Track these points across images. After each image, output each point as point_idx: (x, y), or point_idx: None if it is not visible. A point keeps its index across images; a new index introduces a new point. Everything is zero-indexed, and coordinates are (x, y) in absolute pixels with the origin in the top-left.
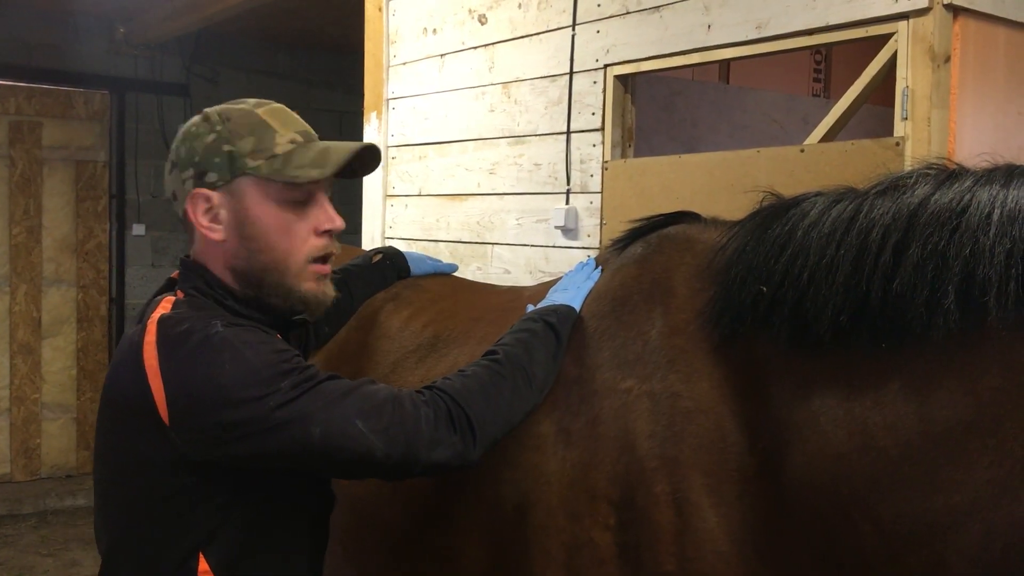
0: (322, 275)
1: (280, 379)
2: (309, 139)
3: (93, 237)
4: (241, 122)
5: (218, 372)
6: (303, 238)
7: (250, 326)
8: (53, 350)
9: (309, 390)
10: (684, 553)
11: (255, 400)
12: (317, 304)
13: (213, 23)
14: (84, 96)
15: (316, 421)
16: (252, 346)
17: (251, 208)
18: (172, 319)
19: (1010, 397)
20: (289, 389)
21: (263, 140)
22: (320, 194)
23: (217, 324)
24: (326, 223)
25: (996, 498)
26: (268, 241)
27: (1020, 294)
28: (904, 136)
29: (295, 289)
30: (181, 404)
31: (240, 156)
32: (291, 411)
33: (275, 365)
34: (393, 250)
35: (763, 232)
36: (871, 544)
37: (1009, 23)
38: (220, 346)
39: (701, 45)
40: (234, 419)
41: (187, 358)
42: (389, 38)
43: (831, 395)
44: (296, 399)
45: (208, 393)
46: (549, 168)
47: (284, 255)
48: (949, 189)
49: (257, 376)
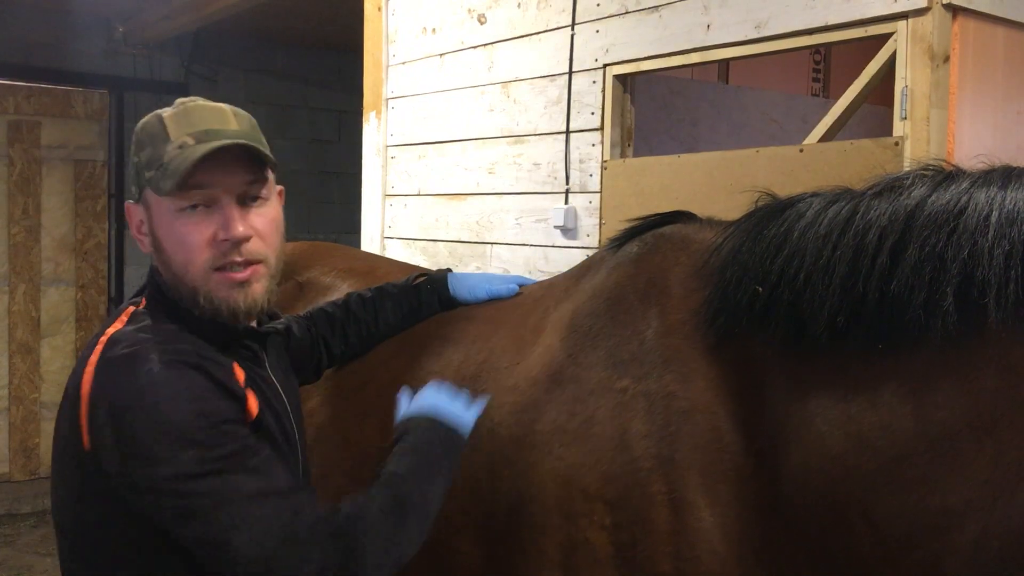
0: (234, 283)
1: (185, 449)
2: (202, 139)
3: (92, 236)
4: (145, 131)
5: (132, 417)
6: (199, 249)
7: (192, 363)
8: (52, 349)
9: (212, 474)
10: (680, 553)
11: (149, 460)
12: (232, 313)
13: (211, 22)
14: (83, 95)
15: (197, 515)
16: (174, 400)
17: (154, 220)
18: (116, 342)
19: (1007, 399)
20: (190, 463)
21: (156, 149)
22: (223, 197)
23: (154, 359)
24: (220, 232)
25: (992, 499)
26: (168, 253)
27: (1020, 296)
28: (903, 136)
29: (207, 300)
30: (95, 433)
31: (141, 169)
32: (179, 488)
33: (187, 431)
34: (440, 276)
35: (759, 232)
36: (866, 545)
37: (1008, 23)
38: (143, 388)
39: (700, 45)
40: (128, 469)
41: (111, 389)
42: (388, 37)
43: (827, 396)
44: (191, 478)
45: (117, 432)
46: (548, 168)
47: (183, 266)
48: (946, 191)
49: (164, 436)
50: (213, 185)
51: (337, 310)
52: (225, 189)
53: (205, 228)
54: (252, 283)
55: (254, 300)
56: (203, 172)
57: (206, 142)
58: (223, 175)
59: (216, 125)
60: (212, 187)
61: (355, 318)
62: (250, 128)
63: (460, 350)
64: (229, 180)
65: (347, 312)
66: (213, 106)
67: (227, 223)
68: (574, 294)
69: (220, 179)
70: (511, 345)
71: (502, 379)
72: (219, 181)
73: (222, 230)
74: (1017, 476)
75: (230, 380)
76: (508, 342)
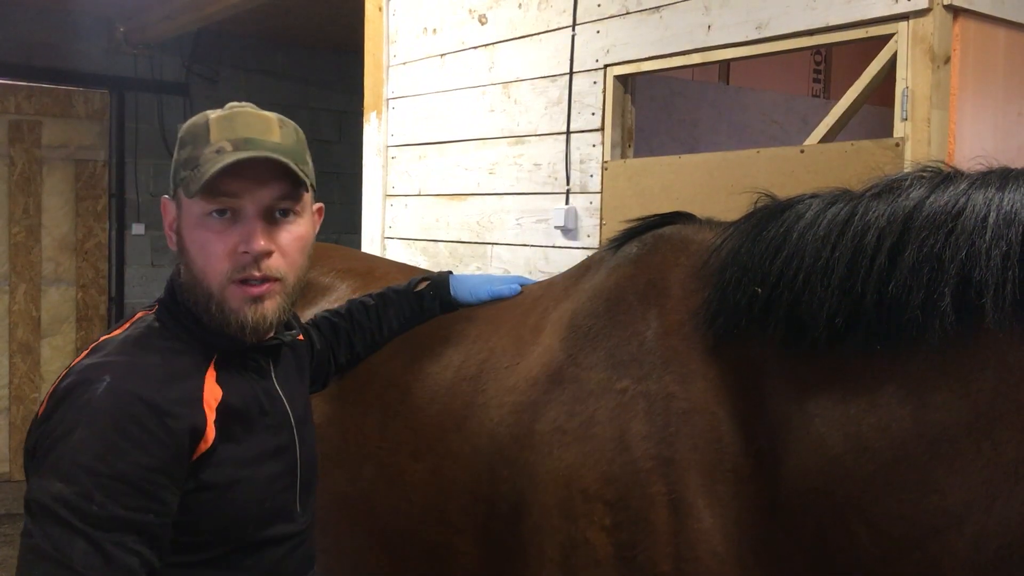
0: (248, 297)
1: (59, 481)
2: (241, 146)
3: (92, 236)
4: (189, 131)
5: (54, 426)
6: (219, 257)
7: (143, 395)
8: (52, 349)
9: (56, 519)
10: (679, 553)
11: (38, 465)
12: (239, 327)
13: (212, 22)
14: (84, 95)
15: (26, 535)
16: (90, 433)
17: (182, 221)
18: (95, 351)
19: (1005, 399)
20: (52, 497)
21: (195, 150)
22: (249, 208)
23: (105, 381)
24: (241, 244)
25: (990, 500)
26: (190, 256)
27: (1017, 296)
28: (904, 137)
29: (218, 309)
30: (31, 429)
31: (178, 167)
32: (31, 505)
33: (75, 468)
34: (442, 279)
35: (758, 233)
36: (864, 546)
37: (1009, 24)
38: (78, 407)
39: (701, 45)
40: (27, 461)
41: (57, 395)
42: (389, 38)
43: (826, 397)
44: (43, 507)
45: (39, 432)
46: (549, 168)
47: (201, 272)
48: (944, 192)
49: (58, 457)
50: (241, 195)
51: (341, 319)
52: (253, 200)
53: (227, 238)
54: (265, 300)
55: (263, 316)
56: (232, 180)
57: (242, 150)
58: (253, 186)
59: (258, 135)
60: (240, 196)
61: (359, 326)
62: (294, 142)
63: (460, 351)
64: (259, 191)
65: (351, 321)
66: (260, 114)
67: (249, 236)
68: (573, 294)
69: (249, 189)
70: (510, 345)
71: (502, 379)
72: (248, 191)
73: (243, 243)
74: (1015, 477)
75: (186, 411)
76: (507, 342)
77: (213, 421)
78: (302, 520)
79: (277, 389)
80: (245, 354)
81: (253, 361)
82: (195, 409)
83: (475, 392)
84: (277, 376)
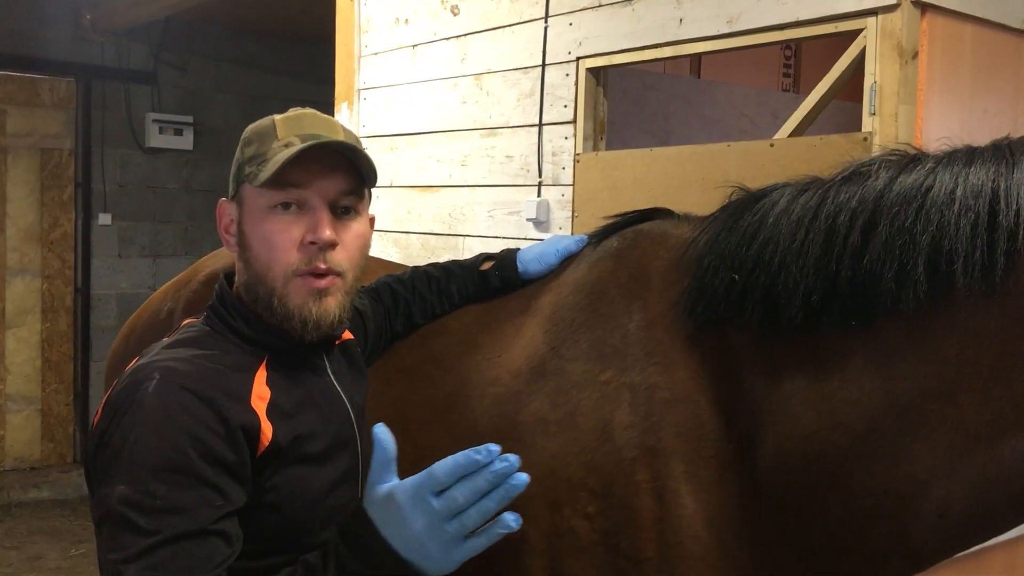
0: (312, 291)
1: (123, 482)
2: (308, 141)
3: (58, 226)
4: (253, 131)
5: (111, 433)
6: (284, 248)
7: (196, 389)
8: (17, 341)
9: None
10: (663, 539)
11: (103, 471)
12: (302, 322)
13: (181, 10)
14: (49, 83)
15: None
16: (146, 430)
17: (245, 217)
18: (145, 354)
19: (967, 363)
20: (118, 498)
21: (262, 146)
22: (315, 200)
23: (155, 379)
24: (308, 234)
25: (954, 464)
26: (254, 250)
27: (986, 262)
28: (872, 131)
29: (281, 303)
30: (88, 442)
31: (243, 164)
32: (101, 506)
33: (138, 468)
34: (508, 256)
35: (734, 223)
36: (838, 520)
37: (976, 20)
38: (132, 409)
39: (673, 39)
40: (90, 468)
41: (113, 398)
42: (360, 28)
43: (801, 377)
44: (110, 509)
45: (93, 433)
46: (521, 160)
47: (265, 266)
48: (912, 172)
49: (118, 460)
50: (308, 185)
51: (402, 288)
52: (320, 192)
53: (294, 230)
54: (328, 295)
55: (326, 312)
56: (301, 171)
57: (308, 143)
58: (320, 178)
59: (324, 132)
60: (307, 187)
61: (420, 296)
62: (356, 143)
63: (440, 343)
64: (325, 184)
65: (412, 290)
66: (324, 116)
67: (316, 225)
68: (555, 288)
69: (316, 181)
70: (492, 338)
71: (483, 371)
72: (315, 183)
73: (310, 232)
74: (975, 438)
75: (239, 409)
76: (489, 335)
77: (266, 419)
78: None
79: (335, 385)
80: (298, 353)
81: (307, 360)
82: (244, 406)
83: (457, 384)
84: (333, 372)
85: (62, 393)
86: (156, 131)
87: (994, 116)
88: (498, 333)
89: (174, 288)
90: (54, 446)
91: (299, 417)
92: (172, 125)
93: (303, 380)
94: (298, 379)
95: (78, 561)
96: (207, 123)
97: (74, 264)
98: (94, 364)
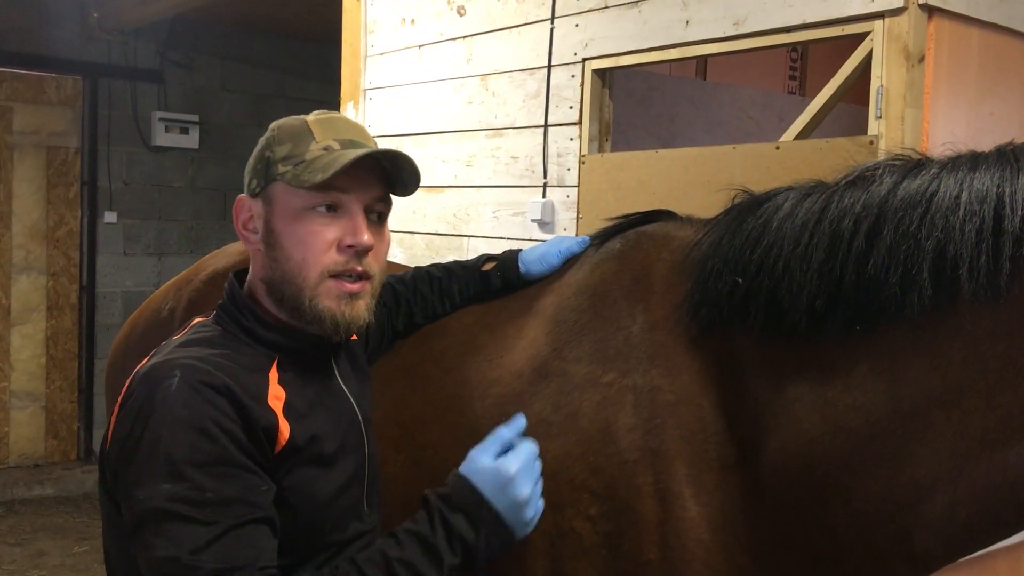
0: (344, 294)
1: (164, 481)
2: (348, 146)
3: (64, 224)
4: (286, 129)
5: (138, 434)
6: (321, 250)
7: (217, 384)
8: (22, 338)
9: (171, 517)
10: (666, 542)
11: (135, 475)
12: (333, 324)
13: (187, 9)
14: (56, 81)
15: (144, 542)
16: (176, 426)
17: (276, 215)
18: (157, 352)
19: (973, 368)
20: (160, 497)
21: (298, 146)
22: (354, 205)
23: (176, 376)
24: (347, 237)
25: (959, 469)
26: (286, 250)
27: (991, 267)
28: (878, 135)
29: (311, 305)
30: (112, 435)
31: (274, 162)
32: (138, 510)
33: (175, 464)
34: (510, 256)
35: (738, 226)
36: (841, 524)
37: (982, 24)
38: (156, 406)
39: (679, 41)
40: (118, 473)
41: (133, 400)
42: (367, 28)
43: (805, 381)
44: (153, 510)
45: (123, 440)
46: (526, 161)
47: (298, 266)
48: (916, 177)
49: (152, 460)
50: (351, 191)
51: (404, 288)
52: (359, 197)
53: (330, 232)
54: (359, 299)
55: (356, 316)
56: (346, 176)
57: (350, 149)
58: (360, 184)
59: (359, 138)
60: (348, 192)
61: (421, 297)
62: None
63: (442, 343)
64: (363, 190)
65: (414, 290)
66: (354, 121)
67: (356, 229)
68: (557, 289)
69: (356, 187)
70: (493, 339)
71: (485, 372)
72: (356, 188)
73: (349, 235)
74: (980, 444)
75: (259, 407)
76: (490, 336)
77: (283, 418)
78: (370, 519)
79: (343, 387)
80: (308, 354)
81: (316, 361)
82: (262, 404)
83: (458, 384)
84: (341, 374)
85: (67, 390)
86: (162, 129)
87: (1000, 120)
88: (500, 334)
89: (176, 287)
90: (58, 443)
91: (312, 418)
92: (178, 123)
93: (313, 381)
94: (309, 380)
95: (81, 558)
96: (213, 122)
97: (79, 262)
98: (99, 362)
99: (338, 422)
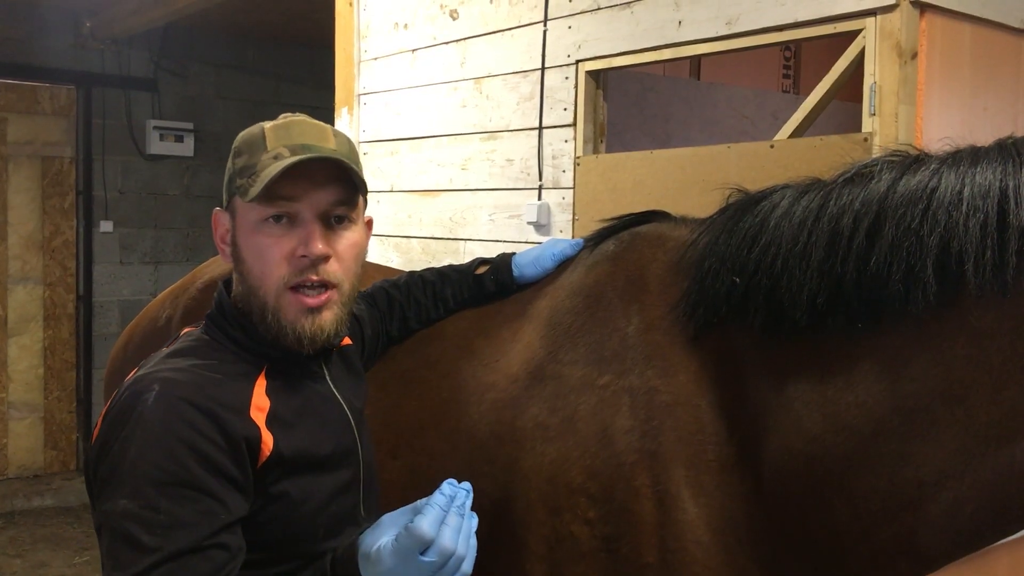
0: (305, 308)
1: (123, 497)
2: (298, 152)
3: (60, 234)
4: (246, 139)
5: (112, 442)
6: (275, 263)
7: (196, 401)
8: (19, 348)
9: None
10: (665, 544)
11: (104, 485)
12: (296, 339)
13: (181, 17)
14: (50, 91)
15: (104, 551)
16: (146, 444)
17: (238, 229)
18: (143, 364)
19: (977, 364)
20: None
21: (252, 157)
22: (306, 213)
23: (155, 391)
24: (299, 248)
25: (964, 465)
26: (247, 264)
27: (997, 262)
28: (872, 132)
29: (275, 319)
30: (89, 454)
31: (234, 176)
32: (107, 522)
33: (139, 482)
34: (504, 260)
35: (734, 225)
36: (844, 522)
37: (974, 19)
38: (132, 421)
39: (672, 41)
40: (91, 480)
41: (112, 411)
42: (360, 33)
43: (806, 379)
44: (114, 523)
45: (99, 450)
46: (521, 164)
47: (258, 280)
48: (916, 173)
49: (117, 473)
50: (299, 198)
51: (398, 292)
52: (311, 205)
53: (285, 243)
54: (323, 310)
55: (321, 329)
56: (291, 184)
57: (300, 155)
58: (311, 189)
59: (314, 141)
60: (297, 200)
61: (415, 301)
62: (348, 150)
63: (436, 348)
64: (316, 196)
65: (408, 295)
66: (315, 123)
67: (307, 239)
68: (551, 292)
69: (307, 193)
70: (488, 343)
71: (480, 376)
72: (306, 196)
73: (301, 246)
74: (986, 441)
75: (239, 421)
76: (485, 340)
77: (266, 430)
78: (367, 524)
79: (334, 392)
80: (297, 361)
81: (306, 368)
82: (243, 417)
83: (453, 389)
84: (332, 379)
85: (65, 401)
86: (157, 138)
87: (994, 115)
88: (495, 338)
89: (172, 295)
90: (57, 454)
91: (300, 426)
92: (173, 132)
93: (303, 388)
94: (298, 387)
95: (82, 569)
96: (208, 129)
97: (76, 271)
98: (96, 371)
99: (330, 429)
